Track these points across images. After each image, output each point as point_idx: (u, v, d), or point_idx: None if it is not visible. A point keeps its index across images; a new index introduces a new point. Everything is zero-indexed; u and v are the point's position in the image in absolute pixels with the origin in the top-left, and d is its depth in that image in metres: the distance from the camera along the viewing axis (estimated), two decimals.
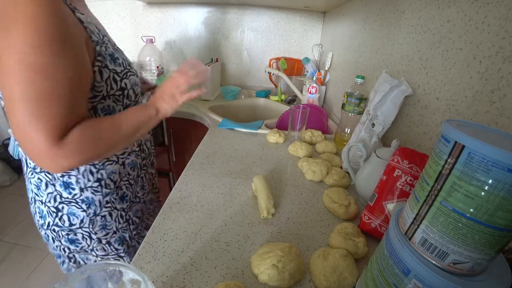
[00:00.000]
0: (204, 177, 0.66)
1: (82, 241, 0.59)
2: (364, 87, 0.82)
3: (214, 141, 0.89)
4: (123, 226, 0.64)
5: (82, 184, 0.55)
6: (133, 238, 0.67)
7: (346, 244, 0.44)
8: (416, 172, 0.43)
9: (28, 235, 1.61)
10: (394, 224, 0.30)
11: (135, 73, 0.59)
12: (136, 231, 0.68)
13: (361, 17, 1.02)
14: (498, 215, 0.22)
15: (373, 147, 0.66)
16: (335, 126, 1.06)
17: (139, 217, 0.69)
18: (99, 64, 0.48)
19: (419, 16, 0.64)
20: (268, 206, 0.53)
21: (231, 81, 1.80)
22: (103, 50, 0.49)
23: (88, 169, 0.55)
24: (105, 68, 0.50)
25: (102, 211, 0.59)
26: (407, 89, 0.64)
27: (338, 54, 1.27)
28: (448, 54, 0.54)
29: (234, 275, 0.41)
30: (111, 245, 0.63)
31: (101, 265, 0.28)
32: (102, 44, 0.49)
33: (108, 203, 0.59)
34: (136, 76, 0.59)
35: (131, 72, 0.57)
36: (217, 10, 1.63)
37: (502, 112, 0.41)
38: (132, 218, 0.66)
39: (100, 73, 0.49)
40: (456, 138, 0.23)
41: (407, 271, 0.26)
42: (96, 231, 0.59)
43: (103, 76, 0.49)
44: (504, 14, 0.41)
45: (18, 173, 2.15)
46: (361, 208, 0.59)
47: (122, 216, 0.63)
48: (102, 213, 0.59)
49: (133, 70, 0.59)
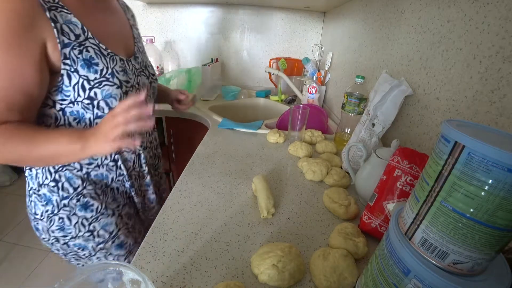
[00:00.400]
0: (204, 177, 0.66)
1: (43, 233, 0.59)
2: (364, 87, 0.82)
3: (214, 141, 0.89)
4: (85, 235, 0.60)
5: (40, 179, 0.56)
6: (96, 250, 0.62)
7: (346, 244, 0.44)
8: (416, 172, 0.43)
9: (28, 235, 1.61)
10: (394, 224, 0.30)
11: (116, 84, 0.54)
12: (102, 245, 0.62)
13: (361, 17, 1.02)
14: (498, 215, 0.22)
15: (373, 147, 0.66)
16: (335, 126, 1.06)
17: (110, 232, 0.62)
18: (67, 68, 0.47)
19: (419, 16, 0.64)
20: (268, 206, 0.53)
21: (231, 81, 1.80)
22: (75, 54, 0.47)
23: (47, 167, 0.55)
24: (74, 73, 0.48)
25: (60, 212, 0.57)
26: (407, 89, 0.64)
27: (338, 54, 1.27)
28: (448, 54, 0.54)
29: (234, 275, 0.41)
30: (70, 247, 0.60)
31: (101, 265, 0.28)
32: (77, 47, 0.48)
33: (66, 206, 0.57)
34: (117, 88, 0.54)
35: (109, 82, 0.53)
36: (217, 10, 1.63)
37: (502, 112, 0.41)
38: (98, 231, 0.61)
39: (69, 77, 0.48)
40: (456, 138, 0.23)
41: (407, 271, 0.26)
42: (53, 230, 0.58)
43: (71, 81, 0.48)
44: (504, 14, 0.41)
45: (18, 173, 2.15)
46: (361, 208, 0.59)
47: (84, 225, 0.59)
48: (60, 215, 0.57)
49: (117, 81, 0.54)
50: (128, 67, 0.59)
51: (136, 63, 0.63)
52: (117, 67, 0.55)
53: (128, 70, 0.59)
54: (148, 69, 0.69)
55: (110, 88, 0.53)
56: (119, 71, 0.55)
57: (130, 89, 0.58)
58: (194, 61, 1.74)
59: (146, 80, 0.66)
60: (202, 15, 1.65)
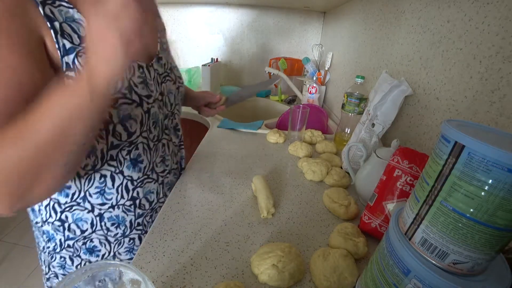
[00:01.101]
0: (204, 177, 0.66)
1: (43, 266, 0.54)
2: (364, 87, 0.82)
3: (214, 141, 0.89)
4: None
5: (44, 216, 0.48)
6: None
7: (346, 244, 0.44)
8: (416, 172, 0.43)
9: (28, 235, 1.61)
10: (394, 224, 0.30)
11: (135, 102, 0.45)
12: None
13: (361, 17, 1.02)
14: (498, 215, 0.22)
15: (373, 147, 0.66)
16: (335, 126, 1.06)
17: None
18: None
19: (419, 16, 0.64)
20: (268, 206, 0.53)
21: (231, 81, 1.80)
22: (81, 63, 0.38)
23: (52, 205, 0.47)
24: None
25: (62, 251, 0.51)
26: (407, 89, 0.64)
27: (338, 54, 1.27)
28: (448, 54, 0.54)
29: (234, 275, 0.41)
30: None
31: (101, 265, 0.28)
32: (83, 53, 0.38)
33: (70, 247, 0.50)
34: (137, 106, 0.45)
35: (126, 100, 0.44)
36: (217, 10, 1.63)
37: (502, 112, 0.41)
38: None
39: None
40: (456, 138, 0.23)
41: (407, 271, 0.26)
42: (54, 265, 0.53)
43: None
44: (504, 14, 0.41)
45: None
46: (361, 208, 0.59)
47: None
48: (62, 254, 0.51)
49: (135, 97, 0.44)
50: (149, 75, 0.49)
51: (159, 67, 0.53)
52: (135, 78, 0.44)
53: (149, 80, 0.48)
54: (174, 71, 0.58)
55: (129, 108, 0.43)
56: (138, 84, 0.45)
57: (152, 105, 0.49)
58: (194, 61, 1.74)
59: (172, 86, 0.57)
60: (202, 15, 1.65)
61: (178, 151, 0.65)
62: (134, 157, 0.49)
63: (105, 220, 0.50)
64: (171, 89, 0.57)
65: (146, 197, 0.54)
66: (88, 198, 0.47)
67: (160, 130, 0.54)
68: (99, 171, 0.46)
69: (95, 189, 0.47)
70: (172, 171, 0.61)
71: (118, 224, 0.51)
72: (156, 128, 0.52)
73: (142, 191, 0.52)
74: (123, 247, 0.54)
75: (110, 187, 0.48)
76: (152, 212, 0.57)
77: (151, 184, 0.54)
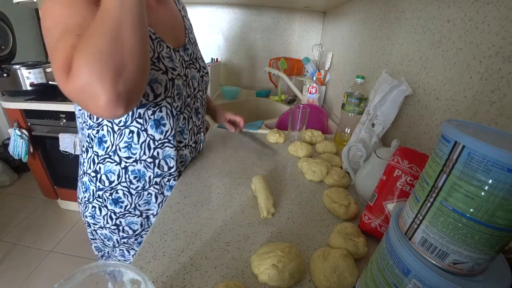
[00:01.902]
0: (204, 177, 0.66)
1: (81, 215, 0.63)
2: (364, 87, 0.82)
3: (214, 141, 0.89)
4: (111, 228, 0.62)
5: (85, 167, 0.59)
6: (120, 243, 0.65)
7: (346, 244, 0.44)
8: (416, 172, 0.43)
9: (28, 235, 1.61)
10: (394, 224, 0.30)
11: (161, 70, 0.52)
12: (126, 240, 0.64)
13: (361, 17, 1.02)
14: (498, 215, 0.22)
15: (373, 147, 0.66)
16: (335, 126, 1.06)
17: (134, 230, 0.64)
18: None
19: (419, 16, 0.64)
20: (267, 206, 0.53)
21: (231, 81, 1.80)
22: None
23: (92, 157, 0.57)
24: None
25: (94, 201, 0.60)
26: (407, 89, 0.64)
27: (338, 54, 1.27)
28: (448, 54, 0.54)
29: (234, 275, 0.41)
30: (98, 234, 0.63)
31: (101, 265, 0.28)
32: None
33: (100, 198, 0.59)
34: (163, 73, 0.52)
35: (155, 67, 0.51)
36: (217, 10, 1.63)
37: (502, 112, 0.41)
38: (123, 226, 0.62)
39: None
40: (456, 138, 0.23)
41: (407, 271, 0.26)
42: (87, 215, 0.62)
43: None
44: (504, 14, 0.41)
45: (18, 173, 2.15)
46: (361, 208, 0.59)
47: (112, 218, 0.61)
48: (93, 203, 0.60)
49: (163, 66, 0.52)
50: (175, 56, 0.57)
51: (185, 55, 0.61)
52: (163, 53, 0.53)
53: (175, 59, 0.56)
54: (199, 61, 0.67)
55: (156, 73, 0.51)
56: (165, 57, 0.53)
57: (177, 78, 0.55)
58: None
59: (196, 73, 0.65)
60: (202, 15, 1.65)
61: (198, 132, 0.71)
62: (158, 118, 0.55)
63: (129, 173, 0.58)
64: (195, 75, 0.64)
65: (165, 159, 0.60)
66: (117, 151, 0.56)
67: (183, 104, 0.61)
68: (129, 127, 0.54)
69: (124, 143, 0.55)
70: (188, 146, 0.66)
71: (139, 178, 0.59)
72: (180, 100, 0.59)
73: (162, 153, 0.59)
74: (142, 200, 0.62)
75: (136, 143, 0.56)
76: (170, 177, 0.63)
77: (170, 149, 0.60)
